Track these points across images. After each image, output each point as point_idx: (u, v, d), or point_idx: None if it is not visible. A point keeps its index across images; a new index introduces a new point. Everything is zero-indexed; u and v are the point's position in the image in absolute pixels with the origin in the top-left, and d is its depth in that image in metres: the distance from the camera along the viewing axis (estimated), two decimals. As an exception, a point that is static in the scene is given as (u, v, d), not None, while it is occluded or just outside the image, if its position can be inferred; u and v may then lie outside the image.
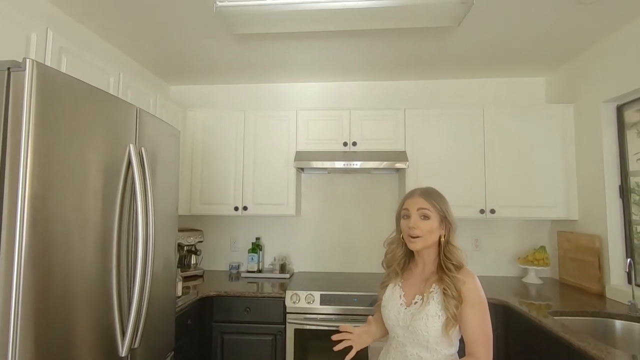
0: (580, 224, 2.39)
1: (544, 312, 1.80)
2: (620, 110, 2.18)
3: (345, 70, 2.68)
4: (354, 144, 2.51)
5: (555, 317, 1.74)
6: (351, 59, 2.47)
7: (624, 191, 2.13)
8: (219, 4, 1.76)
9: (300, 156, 2.48)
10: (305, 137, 2.56)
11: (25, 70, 0.90)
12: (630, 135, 2.13)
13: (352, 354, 1.18)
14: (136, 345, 1.26)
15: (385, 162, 2.36)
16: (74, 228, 1.05)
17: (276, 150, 2.57)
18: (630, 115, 2.14)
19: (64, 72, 1.21)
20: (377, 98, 2.86)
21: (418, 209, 1.16)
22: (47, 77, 0.95)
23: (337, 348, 1.20)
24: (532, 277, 2.50)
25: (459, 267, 1.13)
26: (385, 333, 1.28)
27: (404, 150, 2.49)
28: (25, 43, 1.34)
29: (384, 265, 1.30)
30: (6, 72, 0.90)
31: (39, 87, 0.92)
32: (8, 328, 0.87)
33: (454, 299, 1.07)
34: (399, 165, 2.35)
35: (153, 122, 1.47)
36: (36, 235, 0.92)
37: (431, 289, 1.13)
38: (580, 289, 2.27)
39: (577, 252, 2.35)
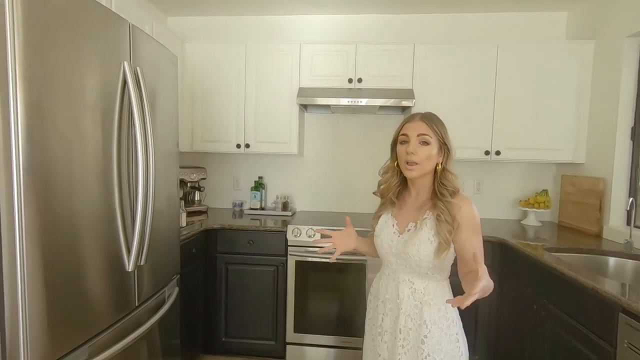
0: (586, 167, 2.36)
1: (540, 250, 1.84)
2: (644, 46, 2.04)
3: (352, 1, 2.50)
4: (360, 80, 2.42)
5: (550, 253, 1.78)
6: (359, -14, 2.29)
7: (636, 133, 2.07)
8: None
9: (303, 92, 2.41)
10: (309, 73, 2.46)
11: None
12: (652, 73, 2.02)
13: (336, 254, 1.23)
14: (142, 263, 1.31)
15: (392, 100, 2.29)
16: (73, 142, 1.03)
17: (279, 86, 2.48)
18: (654, 52, 2.01)
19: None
20: (385, 32, 2.70)
21: (418, 135, 1.10)
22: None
23: (322, 251, 1.27)
24: (532, 220, 2.53)
25: (454, 193, 1.10)
26: (372, 252, 1.31)
27: (411, 88, 2.40)
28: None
29: (378, 194, 1.27)
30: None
31: (20, -16, 0.85)
32: (14, 241, 0.88)
33: (447, 224, 1.06)
34: (405, 103, 2.27)
35: (148, 43, 1.41)
36: (33, 145, 0.91)
37: (425, 216, 1.12)
38: (579, 230, 2.30)
39: (579, 196, 2.34)
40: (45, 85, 0.94)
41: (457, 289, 1.21)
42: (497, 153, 2.39)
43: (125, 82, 1.22)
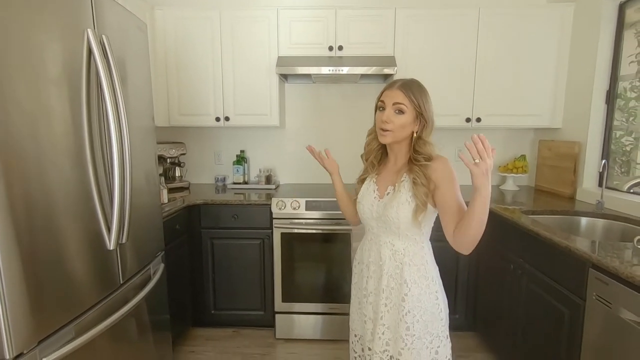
0: (562, 132, 2.41)
1: (517, 213, 1.90)
2: (622, 8, 2.05)
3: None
4: (340, 48, 2.35)
5: (527, 216, 1.84)
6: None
7: (611, 96, 2.12)
8: None
9: (282, 61, 2.33)
10: (287, 41, 2.37)
11: None
12: (628, 36, 2.04)
13: (324, 163, 1.45)
14: (123, 241, 1.29)
15: (373, 68, 2.24)
16: (39, 119, 0.97)
17: (257, 55, 2.39)
18: (631, 15, 2.02)
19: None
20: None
21: (394, 104, 1.11)
22: None
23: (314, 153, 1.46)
24: (510, 185, 2.60)
25: (428, 160, 1.12)
26: (342, 189, 1.46)
27: (392, 55, 2.35)
28: None
29: (363, 158, 1.31)
30: None
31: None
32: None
33: (423, 187, 1.09)
34: (387, 70, 2.23)
35: (113, 8, 1.31)
36: (-6, 122, 0.85)
37: (402, 178, 1.15)
38: (554, 193, 2.39)
39: (555, 160, 2.41)
40: (1, 57, 0.87)
41: (437, 252, 1.25)
42: (478, 120, 2.41)
43: (90, 52, 1.15)
